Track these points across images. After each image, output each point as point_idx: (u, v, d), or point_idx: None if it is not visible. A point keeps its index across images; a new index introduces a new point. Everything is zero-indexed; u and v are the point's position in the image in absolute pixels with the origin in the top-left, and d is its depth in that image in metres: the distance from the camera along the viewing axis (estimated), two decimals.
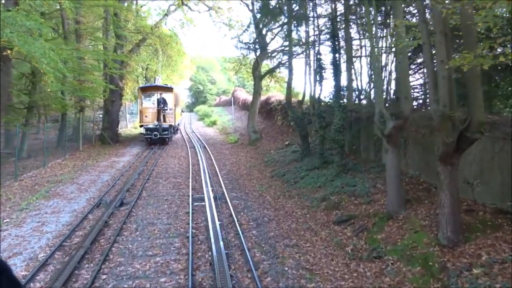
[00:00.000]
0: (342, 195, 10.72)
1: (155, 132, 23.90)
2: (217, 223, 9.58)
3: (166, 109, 24.66)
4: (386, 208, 8.77)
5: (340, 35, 13.65)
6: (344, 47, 14.20)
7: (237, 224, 9.53)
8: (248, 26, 25.37)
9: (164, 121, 24.71)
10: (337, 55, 12.99)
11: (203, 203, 11.59)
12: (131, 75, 31.59)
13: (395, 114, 8.54)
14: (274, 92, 34.51)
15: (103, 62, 25.27)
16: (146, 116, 24.76)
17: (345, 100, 13.50)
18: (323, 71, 14.11)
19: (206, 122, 41.19)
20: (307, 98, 18.48)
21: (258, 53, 23.79)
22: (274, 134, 24.21)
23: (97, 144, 25.68)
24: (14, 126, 21.49)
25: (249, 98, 42.49)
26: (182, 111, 74.42)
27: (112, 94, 26.50)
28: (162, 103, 24.26)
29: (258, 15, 24.00)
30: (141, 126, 25.22)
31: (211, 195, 12.30)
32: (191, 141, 27.57)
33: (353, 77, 13.40)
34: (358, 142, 13.77)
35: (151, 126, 24.17)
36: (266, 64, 28.18)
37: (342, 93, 12.73)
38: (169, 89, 25.71)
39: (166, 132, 24.43)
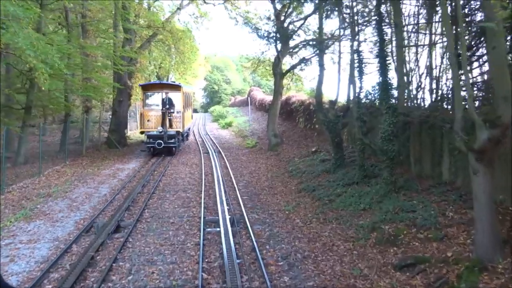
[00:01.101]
0: (397, 224, 8.22)
1: (159, 141, 19.87)
2: (236, 262, 7.21)
3: (173, 112, 20.48)
4: (474, 251, 6.26)
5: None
6: (387, 33, 11.55)
7: (262, 265, 7.13)
8: (268, 18, 22.92)
9: (170, 126, 20.52)
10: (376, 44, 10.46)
11: (218, 229, 9.24)
12: (141, 73, 29.53)
13: (488, 120, 6.03)
14: (294, 92, 31.96)
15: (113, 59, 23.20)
16: (148, 121, 20.46)
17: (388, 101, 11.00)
18: (363, 66, 11.60)
19: (221, 124, 38.93)
20: (340, 99, 15.99)
21: (279, 48, 21.32)
22: (297, 138, 21.75)
23: (102, 148, 23.63)
24: (16, 128, 19.64)
25: (267, 98, 40.18)
26: (196, 111, 72.37)
27: (119, 94, 24.43)
28: (167, 104, 20.16)
29: (279, 6, 21.60)
30: (142, 132, 21.17)
31: (227, 217, 9.95)
32: (205, 145, 25.31)
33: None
34: (406, 152, 11.23)
35: (154, 132, 20.12)
36: (284, 63, 25.74)
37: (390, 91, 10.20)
38: (176, 88, 21.35)
39: (172, 141, 20.43)
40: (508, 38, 8.10)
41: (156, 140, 20.03)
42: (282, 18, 21.17)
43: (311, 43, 20.55)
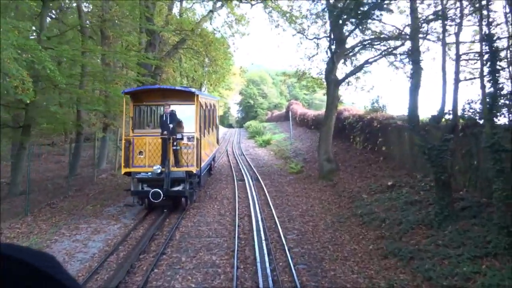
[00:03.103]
0: None
1: (156, 189, 11.33)
2: None
3: (181, 138, 11.92)
4: None
5: None
6: None
7: None
8: (317, 17, 18.65)
9: (177, 163, 11.94)
10: None
11: None
12: (167, 84, 25.91)
13: None
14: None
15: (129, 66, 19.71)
16: (139, 153, 11.97)
17: None
18: (497, 60, 7.03)
19: (258, 141, 34.70)
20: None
21: (333, 49, 16.88)
22: (355, 163, 17.09)
23: (119, 172, 19.87)
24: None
25: (309, 112, 35.86)
26: (232, 126, 68.62)
27: None
28: (172, 124, 11.84)
29: None
30: (127, 174, 12.21)
31: None
32: (240, 169, 21.10)
33: None
34: None
35: (148, 174, 11.65)
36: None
37: None
38: (187, 96, 12.64)
39: (179, 188, 11.99)
40: None
41: (151, 187, 11.64)
42: (336, 12, 16.81)
43: (369, 44, 16.01)
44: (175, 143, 11.85)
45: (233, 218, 11.43)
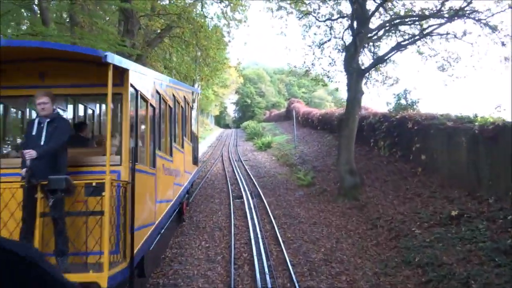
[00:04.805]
0: None
1: None
2: None
3: (65, 191, 4.31)
4: None
5: None
6: None
7: None
8: None
9: (56, 246, 4.38)
10: None
11: None
12: None
13: None
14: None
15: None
16: None
17: None
18: None
19: (257, 144, 30.94)
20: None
21: (355, 30, 13.18)
22: (384, 175, 13.41)
23: None
24: None
25: (314, 111, 32.29)
26: (229, 127, 64.95)
27: None
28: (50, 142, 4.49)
29: None
30: None
31: None
32: (237, 179, 17.39)
33: None
34: None
35: None
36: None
37: None
38: (97, 73, 4.75)
39: None
40: None
41: None
42: None
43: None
44: (51, 201, 4.32)
45: (226, 268, 7.76)
